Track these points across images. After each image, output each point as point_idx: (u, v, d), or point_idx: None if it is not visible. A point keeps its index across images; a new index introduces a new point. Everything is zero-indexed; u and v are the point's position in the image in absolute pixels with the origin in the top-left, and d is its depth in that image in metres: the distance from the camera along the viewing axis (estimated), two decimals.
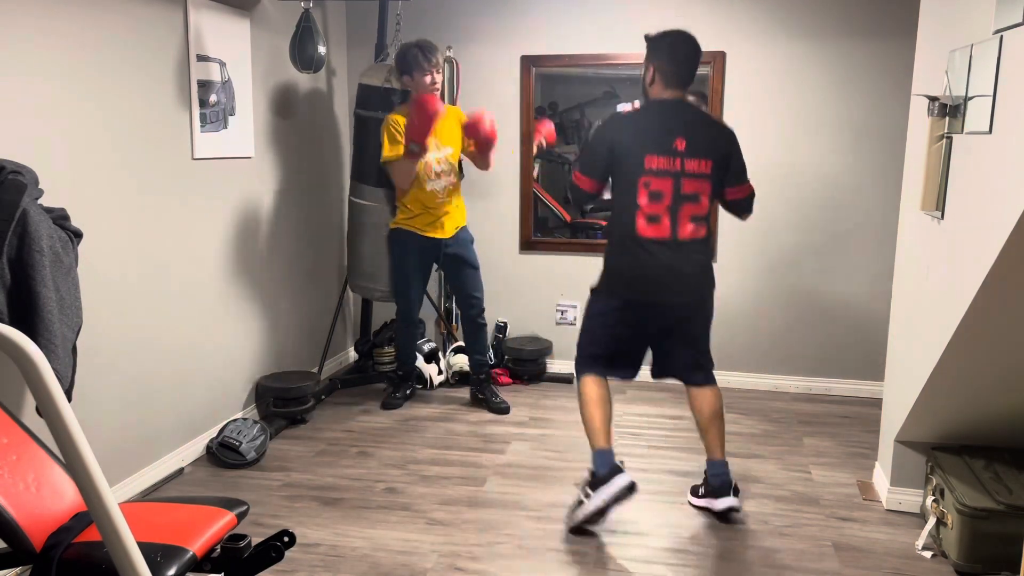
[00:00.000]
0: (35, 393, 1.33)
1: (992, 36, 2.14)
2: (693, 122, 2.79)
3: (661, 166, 2.71)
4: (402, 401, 4.09)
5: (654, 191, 2.72)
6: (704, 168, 2.73)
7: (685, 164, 2.72)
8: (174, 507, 2.04)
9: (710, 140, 2.78)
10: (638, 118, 2.87)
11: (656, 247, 2.74)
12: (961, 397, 2.68)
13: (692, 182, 2.73)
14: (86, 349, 2.62)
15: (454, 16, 4.48)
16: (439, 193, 3.77)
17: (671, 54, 2.77)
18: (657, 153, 2.71)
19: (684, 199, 2.73)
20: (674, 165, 2.72)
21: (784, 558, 2.67)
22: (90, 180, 2.77)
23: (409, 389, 4.17)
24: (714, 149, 2.76)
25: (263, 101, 3.84)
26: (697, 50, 2.80)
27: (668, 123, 2.76)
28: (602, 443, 2.81)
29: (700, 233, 2.78)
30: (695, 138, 2.73)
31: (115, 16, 2.84)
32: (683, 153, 2.72)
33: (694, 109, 2.83)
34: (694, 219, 2.75)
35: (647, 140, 2.74)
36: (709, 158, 2.74)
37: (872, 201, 4.14)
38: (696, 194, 2.74)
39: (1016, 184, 1.96)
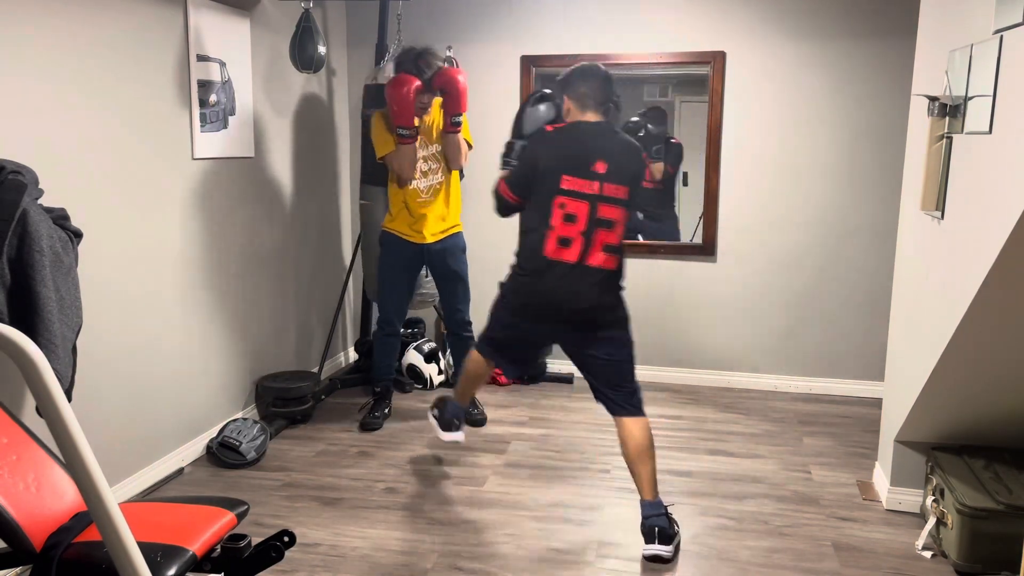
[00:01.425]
0: (35, 393, 1.33)
1: (992, 36, 2.14)
2: (615, 146, 2.68)
3: (578, 188, 2.62)
4: (381, 421, 3.85)
5: (569, 213, 2.63)
6: (621, 194, 2.64)
7: (604, 188, 2.63)
8: (174, 507, 2.04)
9: (628, 166, 2.68)
10: (562, 136, 2.73)
11: (561, 271, 2.65)
12: (961, 397, 2.68)
13: (609, 207, 2.63)
14: (86, 349, 2.62)
15: (454, 16, 4.48)
16: (422, 192, 3.65)
17: (581, 79, 2.74)
18: (575, 175, 2.63)
19: (599, 224, 2.63)
20: (592, 188, 2.62)
21: (784, 558, 2.67)
22: (90, 180, 2.77)
23: (388, 409, 3.95)
24: (631, 176, 2.68)
25: (263, 101, 3.84)
26: (607, 76, 2.75)
27: (590, 144, 2.67)
28: (461, 401, 3.14)
29: (610, 264, 2.66)
30: (616, 163, 2.64)
31: (115, 16, 2.84)
32: (602, 176, 2.62)
33: (617, 134, 2.73)
34: (606, 248, 2.64)
35: (567, 160, 2.65)
36: (626, 184, 2.65)
37: (872, 201, 4.14)
38: (611, 221, 2.64)
39: (1016, 184, 1.96)
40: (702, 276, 4.41)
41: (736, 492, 3.15)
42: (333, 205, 4.61)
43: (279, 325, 4.06)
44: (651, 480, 2.70)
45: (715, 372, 4.46)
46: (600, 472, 3.33)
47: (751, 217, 4.30)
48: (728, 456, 3.50)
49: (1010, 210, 1.98)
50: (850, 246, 4.21)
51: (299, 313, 4.26)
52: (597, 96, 2.71)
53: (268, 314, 3.95)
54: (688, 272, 4.42)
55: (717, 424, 3.89)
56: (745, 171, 4.27)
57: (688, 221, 4.55)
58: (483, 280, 3.92)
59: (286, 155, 4.07)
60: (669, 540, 2.64)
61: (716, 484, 3.22)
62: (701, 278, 4.41)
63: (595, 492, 3.15)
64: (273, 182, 3.95)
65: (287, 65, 3.87)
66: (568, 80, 2.77)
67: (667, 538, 2.64)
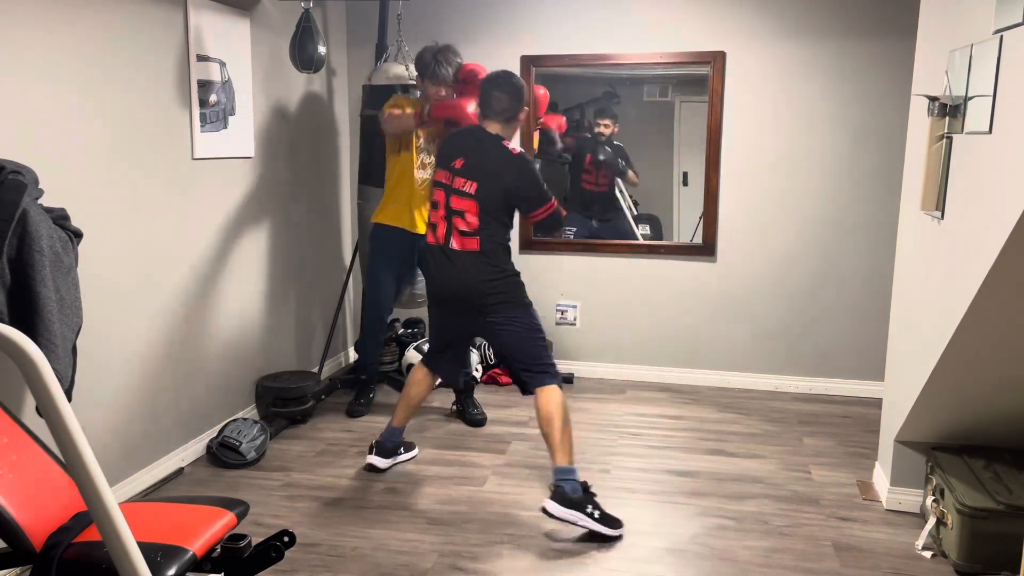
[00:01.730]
0: (35, 393, 1.33)
1: (992, 36, 2.14)
2: (479, 147, 2.97)
3: (440, 179, 3.00)
4: (367, 408, 4.00)
5: (434, 200, 3.03)
6: (469, 188, 2.92)
7: (455, 180, 2.95)
8: (174, 507, 2.05)
9: (487, 165, 2.92)
10: (451, 136, 3.13)
11: (436, 254, 3.02)
12: (961, 397, 2.68)
13: (459, 199, 2.93)
14: (86, 349, 2.62)
15: (454, 16, 4.48)
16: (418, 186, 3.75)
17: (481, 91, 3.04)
18: (442, 167, 3.01)
19: (453, 212, 2.95)
20: (448, 179, 2.97)
21: (784, 558, 2.67)
22: (90, 180, 2.77)
23: (372, 394, 4.10)
24: (487, 174, 2.91)
25: (263, 101, 3.84)
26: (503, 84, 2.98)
27: (459, 142, 3.04)
28: (392, 422, 3.31)
29: (470, 246, 2.93)
30: (472, 161, 2.94)
31: (115, 16, 2.84)
32: (456, 171, 2.95)
33: (490, 137, 2.97)
34: (462, 233, 2.94)
35: (442, 156, 3.06)
36: (476, 180, 2.91)
37: (872, 201, 4.14)
38: (461, 211, 2.93)
39: (1016, 184, 1.96)
40: (702, 276, 4.41)
41: (736, 492, 3.15)
42: (333, 205, 4.61)
43: (279, 325, 4.06)
44: (556, 447, 2.83)
45: (715, 372, 4.46)
46: (600, 472, 3.33)
47: (751, 217, 4.30)
48: (728, 456, 3.50)
49: (1010, 210, 1.98)
50: (850, 246, 4.21)
51: (299, 313, 4.26)
52: (485, 109, 3.01)
53: (268, 314, 3.95)
54: (688, 272, 4.42)
55: (717, 424, 3.89)
56: (745, 171, 4.27)
57: (688, 221, 4.55)
58: None
59: (286, 155, 4.07)
60: (563, 501, 2.74)
61: (716, 484, 3.22)
62: (701, 278, 4.41)
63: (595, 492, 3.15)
64: (273, 182, 3.95)
65: (287, 65, 3.86)
66: (481, 88, 3.06)
67: (561, 498, 2.75)
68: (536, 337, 2.98)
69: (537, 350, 2.96)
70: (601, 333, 4.59)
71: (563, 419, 2.85)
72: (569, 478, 2.79)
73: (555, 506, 2.75)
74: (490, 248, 2.94)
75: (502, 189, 2.91)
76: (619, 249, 4.53)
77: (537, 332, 3.00)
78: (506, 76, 3.02)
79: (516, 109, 3.00)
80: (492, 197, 2.91)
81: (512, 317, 2.95)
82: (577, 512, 2.74)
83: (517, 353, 2.97)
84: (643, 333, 4.53)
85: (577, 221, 4.72)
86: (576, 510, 2.74)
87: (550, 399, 2.87)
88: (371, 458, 3.31)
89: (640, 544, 2.76)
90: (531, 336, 2.97)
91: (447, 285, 3.00)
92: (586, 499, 2.77)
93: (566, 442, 2.84)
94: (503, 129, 3.00)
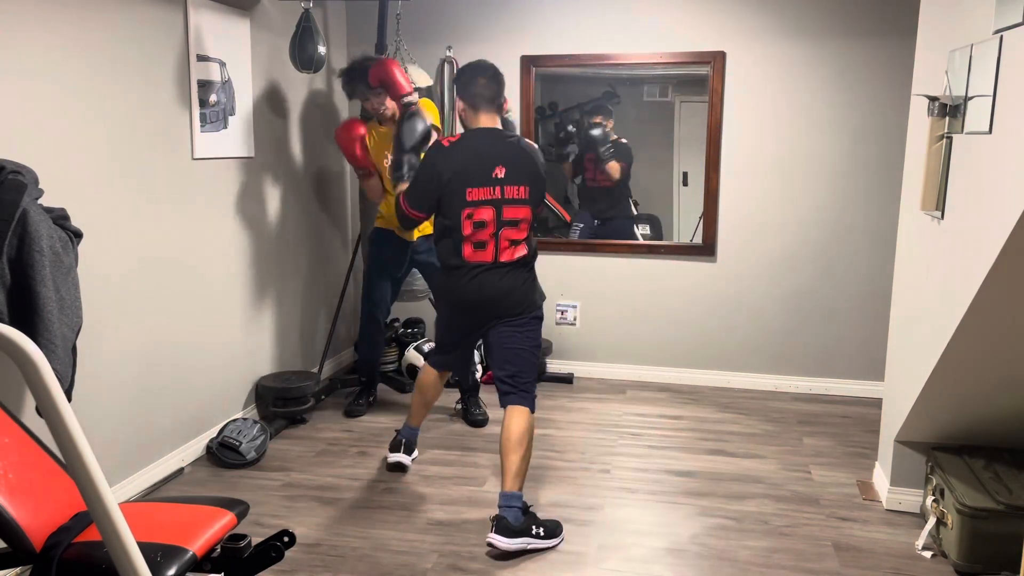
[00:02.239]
0: (35, 393, 1.33)
1: (992, 36, 2.14)
2: (511, 150, 2.84)
3: (483, 196, 2.79)
4: (365, 408, 4.01)
5: (478, 221, 2.80)
6: (523, 194, 2.82)
7: (505, 191, 2.80)
8: (174, 507, 2.04)
9: (528, 167, 2.85)
10: (460, 149, 2.84)
11: (476, 272, 2.84)
12: (961, 397, 2.68)
13: (513, 208, 2.81)
14: (86, 349, 2.62)
15: (454, 16, 4.48)
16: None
17: (470, 78, 2.86)
18: (478, 185, 2.78)
19: (505, 224, 2.81)
20: (495, 194, 2.80)
21: (784, 558, 2.67)
22: (90, 180, 2.77)
23: (373, 396, 4.10)
24: (533, 176, 2.85)
25: (263, 101, 3.84)
26: (495, 73, 2.88)
27: (487, 152, 2.83)
28: (410, 421, 3.34)
29: (519, 253, 2.86)
30: (513, 165, 2.82)
31: (115, 16, 2.84)
32: (503, 180, 2.80)
33: (509, 136, 2.89)
34: (513, 243, 2.84)
35: (469, 173, 2.79)
36: (526, 184, 2.82)
37: (872, 201, 4.14)
38: (516, 220, 2.83)
39: (1016, 184, 1.96)
40: (702, 276, 4.41)
41: (736, 492, 3.15)
42: (333, 205, 4.61)
43: (279, 325, 4.06)
44: (512, 473, 2.74)
45: (715, 372, 4.46)
46: (600, 472, 3.33)
47: (751, 217, 4.30)
48: (728, 456, 3.50)
49: (1010, 210, 1.98)
50: (850, 246, 4.21)
51: (299, 313, 4.26)
52: (486, 94, 2.84)
53: (268, 314, 3.94)
54: (688, 272, 4.42)
55: (717, 424, 3.89)
56: (745, 171, 4.27)
57: (688, 221, 4.55)
58: None
59: (286, 155, 4.07)
60: (508, 532, 2.66)
61: (716, 484, 3.22)
62: (701, 278, 4.41)
63: (595, 492, 3.15)
64: (273, 182, 3.95)
65: (287, 65, 3.86)
66: (459, 81, 2.90)
67: (505, 530, 2.66)
68: (534, 352, 2.93)
69: (529, 364, 2.90)
70: (601, 333, 4.59)
71: (527, 446, 2.78)
72: (513, 505, 2.71)
73: (500, 539, 2.65)
74: (532, 250, 2.92)
75: (542, 188, 2.89)
76: (619, 249, 4.53)
77: (537, 348, 2.96)
78: (485, 63, 2.92)
79: (502, 92, 2.91)
80: (538, 198, 2.87)
81: (525, 325, 2.90)
82: (524, 538, 2.68)
83: (513, 360, 2.87)
84: (643, 333, 4.53)
85: (583, 218, 4.72)
86: (522, 536, 2.68)
87: (523, 421, 2.79)
88: (399, 457, 3.31)
89: (640, 544, 2.76)
90: (530, 350, 2.92)
91: (482, 292, 2.85)
92: (528, 521, 2.71)
93: (523, 469, 2.76)
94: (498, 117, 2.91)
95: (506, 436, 2.77)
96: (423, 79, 4.05)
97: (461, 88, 2.88)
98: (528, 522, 2.71)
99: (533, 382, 2.91)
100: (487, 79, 2.85)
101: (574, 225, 4.70)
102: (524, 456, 2.76)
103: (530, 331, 2.92)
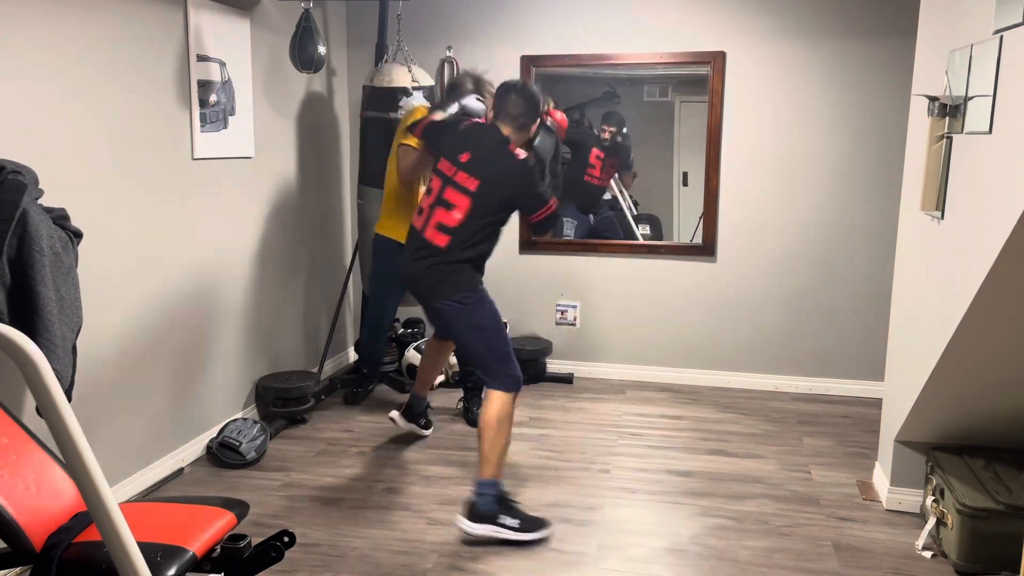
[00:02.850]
0: (35, 393, 1.33)
1: (992, 36, 2.14)
2: (488, 146, 2.92)
3: (442, 169, 2.93)
4: (363, 396, 4.16)
5: (428, 187, 2.97)
6: (469, 185, 2.84)
7: (457, 174, 2.88)
8: (174, 507, 2.04)
9: (492, 168, 2.87)
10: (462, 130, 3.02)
11: (413, 236, 2.97)
12: (961, 397, 2.68)
13: (454, 192, 2.86)
14: (86, 349, 2.62)
15: (454, 16, 4.48)
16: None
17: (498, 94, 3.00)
18: (447, 157, 2.93)
19: (440, 203, 2.88)
20: (449, 171, 2.90)
21: (784, 558, 2.67)
22: (90, 180, 2.77)
23: (372, 385, 4.23)
24: (490, 177, 2.85)
25: (263, 101, 3.83)
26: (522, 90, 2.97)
27: (469, 135, 2.98)
28: (416, 390, 3.60)
29: (439, 241, 2.86)
30: (478, 158, 2.87)
31: (115, 16, 2.84)
32: (462, 165, 2.88)
33: (500, 139, 2.92)
34: (440, 227, 2.87)
35: (450, 147, 2.96)
36: (479, 179, 2.84)
37: (872, 201, 4.14)
38: (451, 203, 2.86)
39: (1016, 184, 1.96)
40: (702, 276, 4.41)
41: (736, 492, 3.15)
42: (333, 205, 4.61)
43: (279, 325, 4.06)
44: (483, 459, 2.77)
45: (715, 372, 4.46)
46: (600, 472, 3.33)
47: (751, 217, 4.30)
48: (728, 456, 3.50)
49: (1010, 210, 1.98)
50: (850, 246, 4.21)
51: (299, 313, 4.26)
52: (507, 109, 2.95)
53: (268, 314, 3.94)
54: (688, 272, 4.42)
55: (717, 424, 3.89)
56: (745, 171, 4.27)
57: (688, 221, 4.55)
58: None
59: (286, 155, 4.07)
60: (474, 517, 2.72)
61: (716, 484, 3.22)
62: (701, 278, 4.41)
63: (595, 492, 3.15)
64: (273, 182, 3.95)
65: (287, 65, 3.86)
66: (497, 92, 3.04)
67: (471, 514, 2.73)
68: (476, 332, 2.85)
69: (478, 348, 2.86)
70: (601, 333, 4.59)
71: (498, 430, 2.75)
72: (485, 492, 2.73)
73: (467, 523, 2.72)
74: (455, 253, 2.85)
75: (501, 196, 2.87)
76: (619, 249, 4.53)
77: (478, 329, 2.85)
78: (525, 84, 3.05)
79: (531, 117, 2.97)
80: (487, 202, 2.85)
81: (450, 310, 2.85)
82: (489, 525, 2.71)
83: (463, 346, 2.92)
84: (643, 333, 4.53)
85: (572, 212, 4.72)
86: (488, 523, 2.72)
87: (490, 405, 2.78)
88: (393, 413, 3.58)
89: (640, 544, 2.76)
90: (468, 333, 2.87)
91: (410, 269, 2.94)
92: (499, 510, 2.73)
93: (494, 454, 2.75)
94: (514, 134, 2.95)
95: (481, 420, 2.80)
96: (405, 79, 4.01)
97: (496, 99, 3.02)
98: (499, 511, 2.73)
99: (499, 361, 2.82)
100: (519, 98, 2.95)
101: (566, 220, 4.69)
102: (491, 440, 2.75)
103: (456, 315, 2.86)
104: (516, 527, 2.73)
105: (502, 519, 2.73)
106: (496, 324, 2.90)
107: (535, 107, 2.97)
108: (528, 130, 3.01)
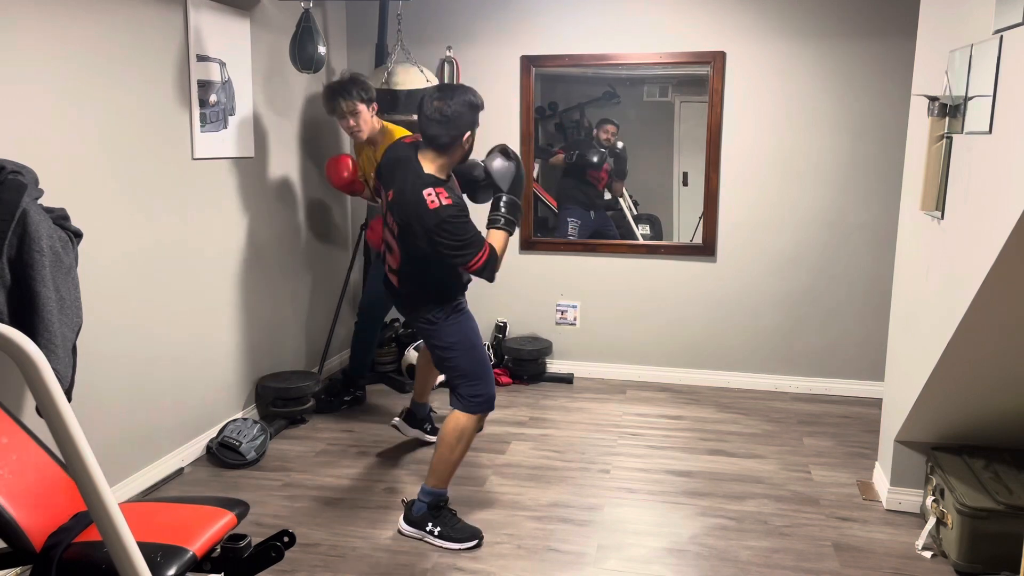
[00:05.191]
0: (35, 393, 1.33)
1: (992, 36, 2.14)
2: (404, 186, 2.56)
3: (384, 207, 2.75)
4: (338, 406, 4.00)
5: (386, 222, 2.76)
6: (395, 228, 2.66)
7: (387, 214, 2.71)
8: (174, 507, 2.05)
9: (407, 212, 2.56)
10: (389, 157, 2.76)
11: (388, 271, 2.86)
12: (961, 397, 2.68)
13: (389, 234, 2.74)
14: (86, 349, 2.62)
15: (454, 16, 4.48)
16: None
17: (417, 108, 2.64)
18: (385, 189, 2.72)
19: (385, 242, 2.80)
20: (383, 208, 2.76)
21: (784, 558, 2.67)
22: (90, 180, 2.77)
23: (349, 396, 4.06)
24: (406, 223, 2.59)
25: (263, 101, 3.84)
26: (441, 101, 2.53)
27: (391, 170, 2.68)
28: (416, 397, 3.54)
29: (393, 279, 2.80)
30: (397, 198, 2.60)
31: (115, 16, 2.84)
32: (388, 203, 2.69)
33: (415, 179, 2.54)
34: (389, 268, 2.80)
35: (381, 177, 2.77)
36: (398, 224, 2.63)
37: (872, 201, 4.14)
38: (390, 245, 2.75)
39: (1016, 184, 1.96)
40: (702, 276, 4.41)
41: (736, 492, 3.15)
42: (333, 205, 4.61)
43: (279, 325, 4.06)
44: (433, 468, 2.78)
45: (715, 372, 4.46)
46: (600, 472, 3.33)
47: (751, 217, 4.30)
48: (728, 456, 3.50)
49: (1010, 210, 1.98)
50: (850, 246, 4.21)
51: (299, 313, 4.26)
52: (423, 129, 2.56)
53: (268, 314, 3.94)
54: (688, 272, 4.42)
55: (717, 424, 3.89)
56: (745, 171, 4.27)
57: (688, 221, 4.55)
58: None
59: (286, 155, 4.07)
60: (409, 521, 2.81)
61: (716, 484, 3.22)
62: (701, 278, 4.41)
63: (595, 492, 3.15)
64: (273, 182, 3.95)
65: (287, 65, 3.86)
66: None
67: (407, 517, 2.81)
68: (446, 351, 2.76)
69: (446, 366, 2.80)
70: (601, 333, 4.59)
71: (452, 447, 2.73)
72: (423, 500, 2.78)
73: (401, 523, 2.83)
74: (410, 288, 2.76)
75: (420, 243, 2.59)
76: (619, 249, 4.54)
77: (447, 348, 2.75)
78: (448, 92, 2.55)
79: (454, 135, 2.53)
80: (415, 243, 2.60)
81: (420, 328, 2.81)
82: (417, 530, 2.79)
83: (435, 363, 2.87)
84: (643, 333, 4.53)
85: (577, 213, 4.73)
86: (417, 528, 2.79)
87: (450, 421, 2.76)
88: (396, 420, 3.53)
89: (640, 544, 2.76)
90: (440, 350, 2.78)
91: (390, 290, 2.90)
92: (429, 518, 2.76)
93: (442, 467, 2.76)
94: (436, 159, 2.57)
95: (440, 433, 2.80)
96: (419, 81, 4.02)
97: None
98: (427, 517, 2.77)
99: (466, 380, 2.74)
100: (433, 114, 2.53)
101: (570, 220, 4.69)
102: (444, 457, 2.75)
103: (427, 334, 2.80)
104: (439, 534, 2.75)
105: (430, 527, 2.76)
106: (466, 344, 2.75)
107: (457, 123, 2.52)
108: (452, 150, 2.58)
